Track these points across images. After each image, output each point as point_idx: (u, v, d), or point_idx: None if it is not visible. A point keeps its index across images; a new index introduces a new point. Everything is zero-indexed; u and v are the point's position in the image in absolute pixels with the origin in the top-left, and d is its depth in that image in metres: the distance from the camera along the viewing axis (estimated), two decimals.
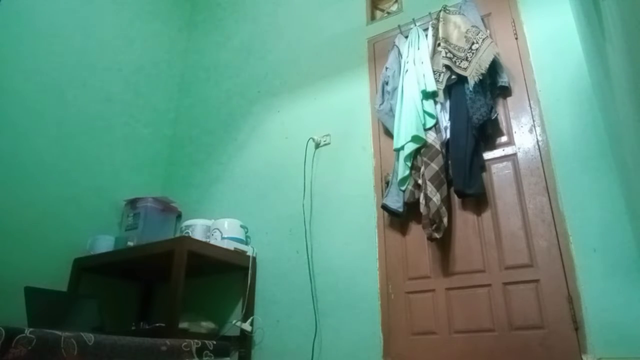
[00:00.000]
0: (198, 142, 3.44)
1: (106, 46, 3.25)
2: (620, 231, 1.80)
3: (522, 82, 2.25)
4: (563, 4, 2.24)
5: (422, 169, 2.16)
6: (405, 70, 2.41)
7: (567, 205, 1.95)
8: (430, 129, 2.23)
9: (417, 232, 2.26)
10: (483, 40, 2.24)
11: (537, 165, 2.08)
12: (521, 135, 2.17)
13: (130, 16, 3.51)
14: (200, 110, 3.56)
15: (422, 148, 2.20)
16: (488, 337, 1.94)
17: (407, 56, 2.45)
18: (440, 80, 2.28)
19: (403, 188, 2.24)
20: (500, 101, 2.28)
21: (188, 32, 4.02)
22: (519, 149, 2.16)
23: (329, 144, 2.75)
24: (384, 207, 2.29)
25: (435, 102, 2.28)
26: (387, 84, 2.53)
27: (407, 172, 2.23)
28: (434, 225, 2.06)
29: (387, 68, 2.57)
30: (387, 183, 2.37)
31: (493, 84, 2.24)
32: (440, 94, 2.27)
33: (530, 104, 2.20)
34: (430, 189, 2.09)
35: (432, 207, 2.06)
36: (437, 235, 2.06)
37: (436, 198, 2.07)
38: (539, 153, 2.10)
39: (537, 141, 2.12)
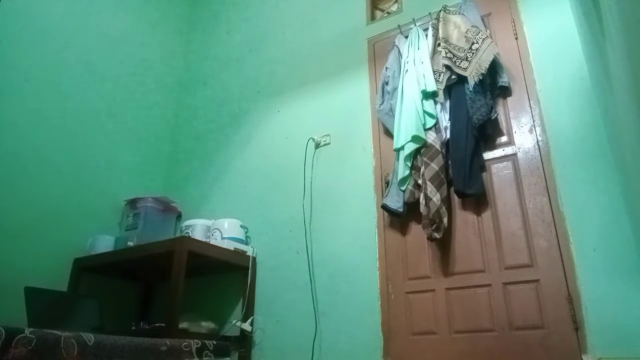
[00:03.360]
0: (198, 142, 3.44)
1: (106, 46, 3.25)
2: (620, 231, 1.80)
3: (522, 82, 2.25)
4: (563, 4, 2.24)
5: (422, 169, 2.16)
6: (405, 70, 2.41)
7: (567, 205, 1.95)
8: (430, 129, 2.23)
9: (417, 232, 2.26)
10: (483, 40, 2.24)
11: (537, 165, 2.08)
12: (521, 135, 2.17)
13: (130, 16, 3.50)
14: (200, 110, 3.56)
15: (422, 148, 2.20)
16: (488, 337, 1.94)
17: (407, 56, 2.45)
18: (440, 80, 2.28)
19: (403, 188, 2.24)
20: (500, 101, 2.28)
21: (188, 32, 4.01)
22: (519, 149, 2.16)
23: (329, 144, 2.75)
24: (384, 207, 2.29)
25: (435, 102, 2.28)
26: (387, 84, 2.53)
27: (407, 172, 2.23)
28: (434, 225, 2.06)
29: (387, 68, 2.57)
30: (387, 183, 2.37)
31: (493, 84, 2.24)
32: (440, 94, 2.27)
33: (530, 104, 2.19)
34: (430, 189, 2.09)
35: (432, 207, 2.06)
36: (437, 235, 2.06)
37: (436, 198, 2.07)
38: (539, 153, 2.10)
39: (537, 141, 2.12)
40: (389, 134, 2.47)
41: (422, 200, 2.13)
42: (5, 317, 1.93)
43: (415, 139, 2.21)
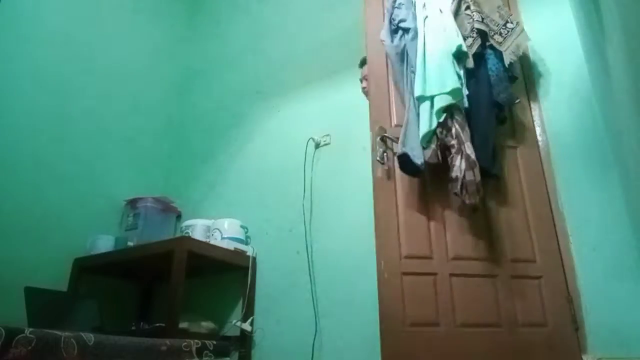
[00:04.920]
0: (198, 142, 3.44)
1: (106, 46, 3.25)
2: (620, 231, 1.80)
3: (522, 82, 2.24)
4: (563, 4, 2.24)
5: (456, 128, 1.86)
6: (424, 16, 2.14)
7: (567, 205, 1.95)
8: None
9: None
10: (517, 23, 2.12)
11: (537, 165, 2.08)
12: (521, 135, 2.17)
13: (131, 16, 3.51)
14: (200, 110, 3.56)
15: (453, 107, 1.92)
16: (490, 333, 1.92)
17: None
18: (470, 45, 2.04)
19: (425, 145, 1.93)
20: None
21: (188, 32, 4.00)
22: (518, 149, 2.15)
23: (329, 144, 2.75)
24: (403, 157, 1.91)
25: (461, 67, 2.04)
26: (398, 21, 2.23)
27: (434, 126, 1.91)
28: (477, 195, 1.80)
29: (400, 4, 2.26)
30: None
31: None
32: (470, 60, 2.03)
33: (530, 104, 2.19)
34: (470, 150, 1.81)
35: (477, 175, 1.79)
36: (475, 202, 1.80)
37: (477, 169, 1.81)
38: (538, 153, 2.09)
39: (537, 141, 2.12)
40: None
41: (456, 163, 1.82)
42: (5, 317, 1.92)
43: (454, 92, 1.88)
